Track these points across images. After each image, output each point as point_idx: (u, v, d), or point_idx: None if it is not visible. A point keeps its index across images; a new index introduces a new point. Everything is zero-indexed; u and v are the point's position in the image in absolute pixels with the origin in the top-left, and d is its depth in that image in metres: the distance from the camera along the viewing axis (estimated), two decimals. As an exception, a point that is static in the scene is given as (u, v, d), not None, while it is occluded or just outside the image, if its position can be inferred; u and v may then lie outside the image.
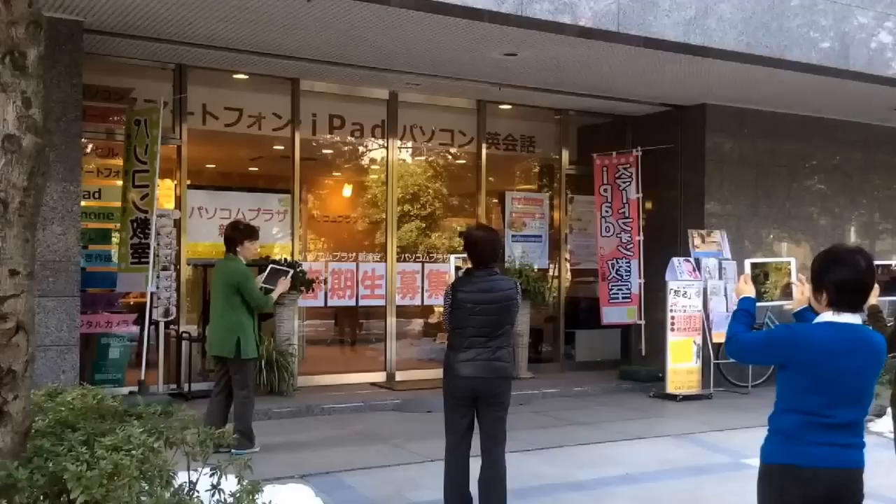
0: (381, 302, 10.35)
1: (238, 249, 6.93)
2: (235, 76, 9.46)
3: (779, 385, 3.27)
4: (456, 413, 5.14)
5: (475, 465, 5.17)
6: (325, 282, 9.96)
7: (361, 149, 11.26)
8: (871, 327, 3.36)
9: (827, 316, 3.19)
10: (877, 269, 3.32)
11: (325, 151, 11.07)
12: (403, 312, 10.83)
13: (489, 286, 4.98)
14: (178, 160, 9.21)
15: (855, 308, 3.18)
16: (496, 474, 5.09)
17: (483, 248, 5.04)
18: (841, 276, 3.15)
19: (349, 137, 10.72)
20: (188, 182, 9.28)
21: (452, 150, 11.47)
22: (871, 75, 9.45)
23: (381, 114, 10.43)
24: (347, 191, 12.16)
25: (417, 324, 11.72)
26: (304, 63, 8.95)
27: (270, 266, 7.37)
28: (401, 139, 10.68)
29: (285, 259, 9.33)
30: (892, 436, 4.39)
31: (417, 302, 10.69)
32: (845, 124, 11.94)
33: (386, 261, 10.33)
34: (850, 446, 3.16)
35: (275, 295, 7.20)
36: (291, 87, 9.72)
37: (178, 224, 9.08)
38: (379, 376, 10.29)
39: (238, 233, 6.98)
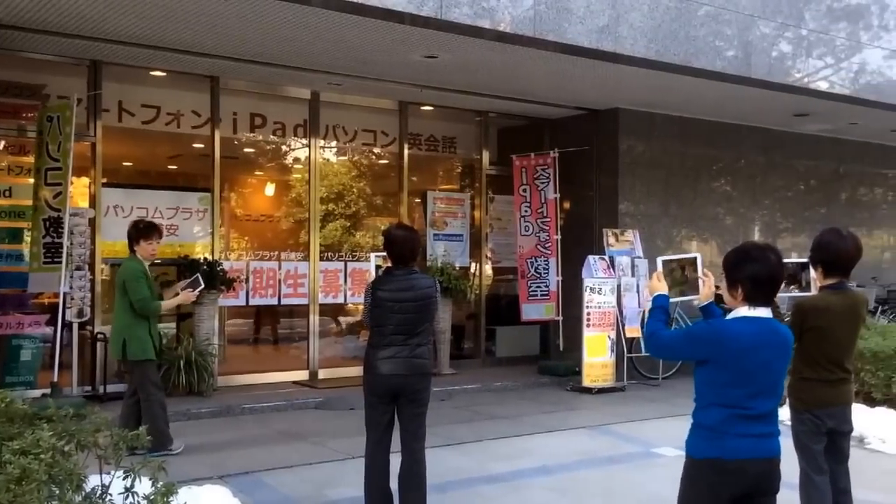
0: (304, 300, 10.37)
1: (135, 248, 6.81)
2: (153, 73, 9.33)
3: (699, 380, 3.34)
4: (376, 410, 5.18)
5: (396, 461, 5.23)
6: (247, 281, 9.93)
7: (284, 148, 11.24)
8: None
9: (743, 311, 3.28)
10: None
11: (246, 150, 11.00)
12: (326, 311, 10.88)
13: (408, 284, 5.05)
14: (92, 158, 9.04)
15: (768, 302, 3.29)
16: (416, 470, 5.15)
17: (402, 247, 5.09)
18: (755, 272, 3.25)
19: (271, 136, 10.69)
20: (103, 180, 9.12)
21: (375, 151, 11.55)
22: (771, 83, 9.92)
23: (304, 113, 10.44)
24: (270, 190, 12.11)
25: (340, 322, 11.78)
26: (223, 61, 8.91)
27: (196, 275, 7.28)
28: (323, 139, 10.71)
29: (205, 258, 9.29)
30: (790, 423, 4.68)
31: (340, 300, 10.76)
32: (749, 129, 12.49)
33: (309, 259, 10.36)
34: (769, 435, 3.28)
35: (167, 304, 7.07)
36: (211, 84, 9.65)
37: (92, 223, 8.93)
38: (301, 375, 10.31)
39: (136, 231, 6.84)
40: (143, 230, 6.85)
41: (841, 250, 4.59)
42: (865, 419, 7.64)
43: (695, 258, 3.75)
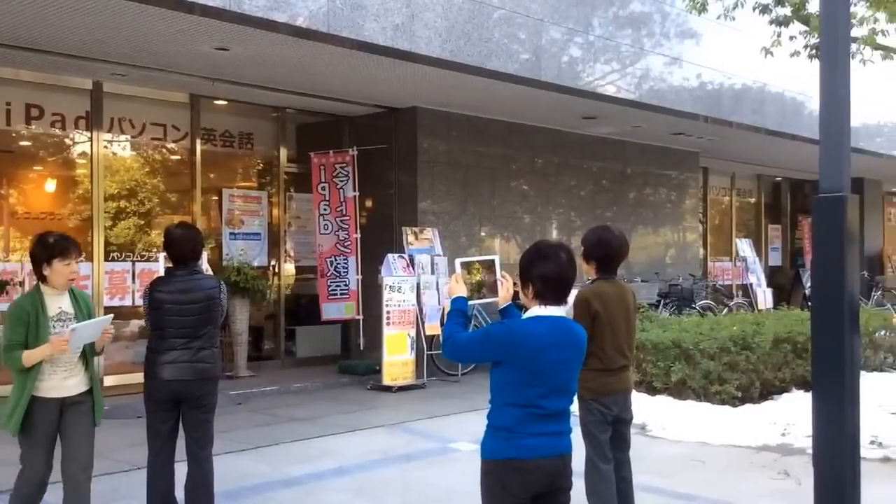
0: (88, 304, 9.71)
1: (46, 273, 5.52)
2: None
3: (494, 381, 3.34)
4: (157, 417, 5.01)
5: (182, 470, 5.04)
6: (22, 284, 9.17)
7: (67, 141, 10.48)
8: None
9: (535, 310, 3.32)
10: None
11: (22, 143, 10.17)
12: (113, 314, 10.22)
13: (189, 286, 4.88)
14: None
15: (559, 300, 3.32)
16: (202, 477, 5.00)
17: (182, 247, 4.93)
18: (545, 271, 3.29)
19: (50, 129, 9.94)
20: None
21: (166, 146, 11.01)
22: (561, 86, 10.35)
23: (85, 105, 9.78)
24: (51, 186, 11.22)
25: (128, 326, 11.12)
26: (-7, 48, 8.20)
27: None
28: (108, 132, 10.09)
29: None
30: (578, 414, 4.85)
31: (128, 302, 10.15)
32: (543, 130, 12.98)
33: (92, 260, 9.72)
34: (562, 433, 3.33)
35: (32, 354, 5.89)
36: (-20, 73, 8.87)
37: None
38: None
39: (43, 249, 5.11)
40: (54, 246, 4.67)
41: (613, 247, 4.86)
42: (647, 407, 8.12)
43: (493, 260, 3.74)
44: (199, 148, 10.67)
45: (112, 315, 4.80)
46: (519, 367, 3.24)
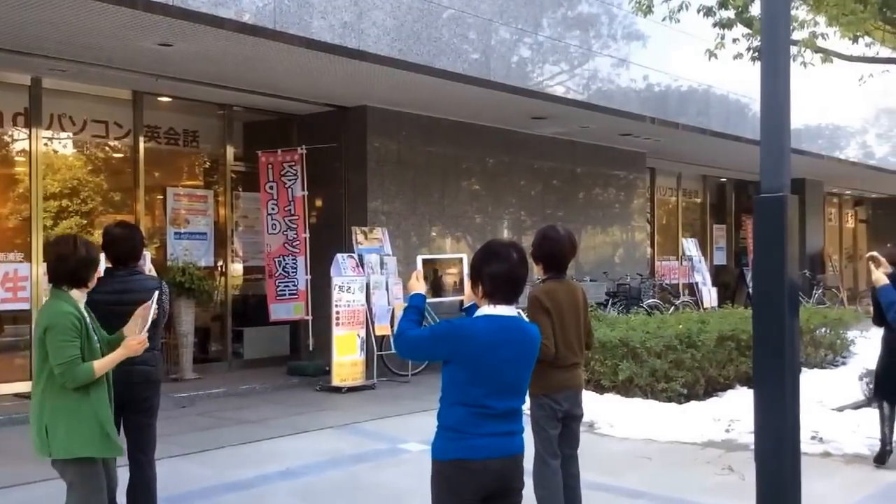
0: (27, 306, 9.46)
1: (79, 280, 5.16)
2: None
3: (444, 380, 3.31)
4: None
5: (125, 475, 4.89)
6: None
7: (6, 139, 10.18)
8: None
9: (485, 309, 3.29)
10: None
11: (-44, 140, 9.88)
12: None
13: (129, 286, 4.75)
14: None
15: (509, 300, 3.29)
16: (144, 483, 4.90)
17: (121, 246, 4.81)
18: (495, 269, 3.27)
19: (-15, 126, 9.67)
20: None
21: (109, 143, 10.77)
22: (510, 86, 10.37)
23: (23, 101, 9.52)
24: (-13, 184, 10.93)
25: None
26: (-78, 40, 7.93)
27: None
28: (47, 129, 9.83)
29: None
30: (529, 410, 4.87)
31: (69, 305, 9.92)
32: (493, 130, 12.99)
33: (31, 261, 9.47)
34: (512, 434, 3.29)
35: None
36: (-90, 66, 8.58)
37: None
38: (25, 386, 9.38)
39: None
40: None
41: (561, 247, 4.90)
42: (596, 405, 8.18)
43: (461, 258, 3.71)
44: (142, 146, 10.45)
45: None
46: (463, 365, 3.22)
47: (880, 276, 6.24)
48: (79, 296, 4.19)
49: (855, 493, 6.15)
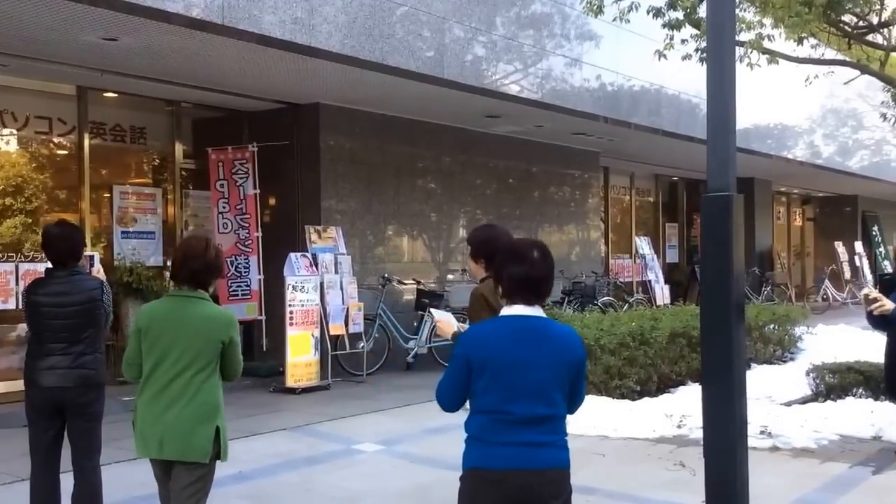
0: (-32, 305, 9.22)
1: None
2: None
3: (471, 389, 3.16)
4: (38, 427, 4.79)
5: (70, 481, 4.85)
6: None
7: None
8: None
9: (504, 310, 3.16)
10: None
11: None
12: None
13: (68, 287, 4.67)
14: None
15: (528, 300, 3.12)
16: (89, 488, 4.82)
17: (60, 246, 4.72)
18: (512, 269, 3.12)
19: (-77, 122, 9.38)
20: None
21: (53, 140, 10.52)
22: (463, 84, 10.35)
23: (-37, 96, 9.28)
24: (-75, 182, 10.60)
25: (15, 330, 10.57)
26: None
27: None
28: (-12, 125, 9.59)
29: None
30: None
31: (12, 306, 9.65)
32: (447, 128, 12.96)
33: (-26, 260, 9.22)
34: (541, 445, 3.05)
35: None
36: None
37: None
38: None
39: None
40: None
41: (499, 243, 4.80)
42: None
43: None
44: (87, 142, 10.21)
45: None
46: (478, 370, 3.06)
47: (888, 303, 5.80)
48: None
49: (802, 486, 6.23)
